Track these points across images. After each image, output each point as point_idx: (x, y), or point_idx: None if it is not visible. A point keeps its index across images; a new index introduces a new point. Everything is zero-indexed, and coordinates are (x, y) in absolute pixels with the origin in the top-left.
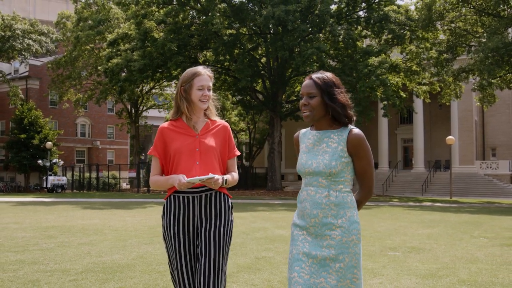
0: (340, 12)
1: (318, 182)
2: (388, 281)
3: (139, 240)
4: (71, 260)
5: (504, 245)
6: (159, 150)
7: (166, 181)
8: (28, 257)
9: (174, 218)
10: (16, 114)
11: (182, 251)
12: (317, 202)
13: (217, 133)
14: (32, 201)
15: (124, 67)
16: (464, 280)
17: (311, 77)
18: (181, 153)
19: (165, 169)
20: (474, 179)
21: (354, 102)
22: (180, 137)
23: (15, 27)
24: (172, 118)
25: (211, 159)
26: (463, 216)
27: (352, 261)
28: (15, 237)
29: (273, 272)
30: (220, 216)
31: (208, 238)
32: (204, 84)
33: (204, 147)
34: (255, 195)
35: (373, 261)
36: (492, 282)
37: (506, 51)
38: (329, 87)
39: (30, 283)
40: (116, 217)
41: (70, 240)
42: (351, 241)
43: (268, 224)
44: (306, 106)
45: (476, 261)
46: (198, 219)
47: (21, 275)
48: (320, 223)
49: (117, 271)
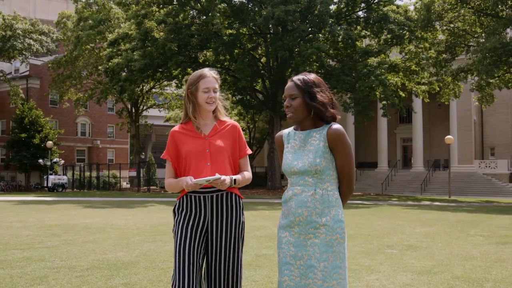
0: (340, 12)
1: (304, 181)
2: (384, 277)
3: (141, 238)
4: (76, 257)
5: (500, 243)
6: (171, 154)
7: (177, 184)
8: (34, 254)
9: (185, 216)
10: (17, 113)
11: (187, 247)
12: (302, 201)
13: (227, 133)
14: (33, 200)
15: (124, 67)
16: (458, 277)
17: (292, 79)
18: (191, 155)
19: (178, 171)
20: (473, 178)
21: (354, 101)
22: (190, 140)
23: (16, 27)
24: (182, 121)
25: (222, 159)
26: (461, 215)
27: (336, 260)
28: (20, 235)
29: (273, 269)
30: (231, 217)
31: (220, 239)
32: (209, 86)
33: (214, 148)
34: (255, 194)
35: (371, 258)
36: (485, 278)
37: (503, 52)
38: (309, 87)
39: (38, 279)
40: (118, 216)
41: (74, 238)
42: (335, 240)
43: (268, 222)
44: (289, 108)
45: (471, 259)
46: (209, 219)
47: (29, 271)
48: (304, 221)
49: (121, 267)
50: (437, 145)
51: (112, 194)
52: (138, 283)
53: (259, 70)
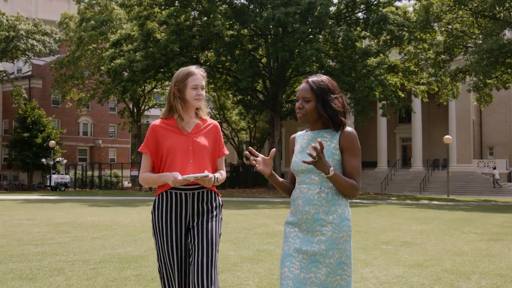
0: (340, 13)
1: (310, 179)
2: (378, 270)
3: (147, 235)
4: (88, 252)
5: (491, 240)
6: (150, 148)
7: (159, 179)
8: (48, 249)
9: (166, 213)
10: (20, 113)
11: (174, 246)
12: (309, 199)
13: (209, 133)
14: (38, 199)
15: (126, 68)
16: (447, 269)
17: (308, 80)
18: (175, 151)
19: (155, 166)
20: (472, 178)
21: (353, 101)
22: (172, 136)
23: (19, 28)
24: (164, 116)
25: (204, 157)
26: (457, 214)
27: (342, 258)
28: (31, 232)
29: (274, 263)
30: (211, 213)
31: (201, 235)
32: (198, 83)
33: (197, 146)
34: (256, 193)
35: (366, 253)
36: (472, 271)
37: (500, 53)
38: (323, 93)
39: (56, 271)
40: (122, 214)
41: (83, 235)
42: (342, 237)
43: (268, 220)
44: (301, 110)
45: (462, 254)
46: (190, 216)
47: (45, 264)
48: (311, 219)
49: (131, 261)
50: (436, 144)
51: (115, 193)
52: (148, 274)
53: (259, 70)
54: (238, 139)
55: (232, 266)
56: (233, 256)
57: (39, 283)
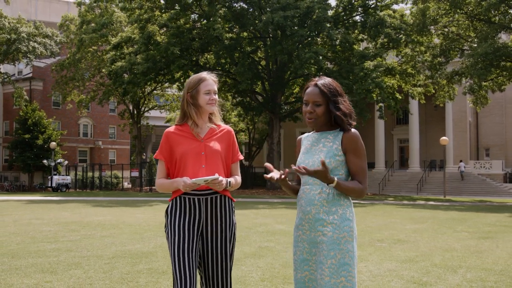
0: (338, 16)
1: (313, 180)
2: (372, 265)
3: (153, 233)
4: (100, 249)
5: (481, 238)
6: (164, 154)
7: (171, 184)
8: (62, 246)
9: (180, 216)
10: (20, 114)
11: (186, 246)
12: (310, 199)
13: (222, 138)
14: (41, 200)
15: (127, 70)
16: (436, 264)
17: (317, 84)
18: (187, 157)
19: (170, 172)
20: (468, 179)
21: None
22: (185, 141)
23: (20, 30)
24: (178, 123)
25: (217, 162)
26: (452, 213)
27: (345, 258)
28: (42, 230)
29: (275, 258)
30: (225, 218)
31: (215, 240)
32: (210, 88)
33: (209, 151)
34: (255, 194)
35: (361, 250)
36: (459, 266)
37: (495, 56)
38: (334, 96)
39: (73, 265)
40: (127, 214)
41: (92, 233)
42: (343, 238)
43: (268, 220)
44: (312, 114)
45: (452, 250)
46: (204, 220)
47: (62, 259)
48: (313, 219)
49: (142, 256)
50: (433, 145)
51: (116, 194)
52: (160, 268)
53: (259, 72)
54: (237, 140)
55: (235, 261)
56: (236, 252)
57: (60, 275)
